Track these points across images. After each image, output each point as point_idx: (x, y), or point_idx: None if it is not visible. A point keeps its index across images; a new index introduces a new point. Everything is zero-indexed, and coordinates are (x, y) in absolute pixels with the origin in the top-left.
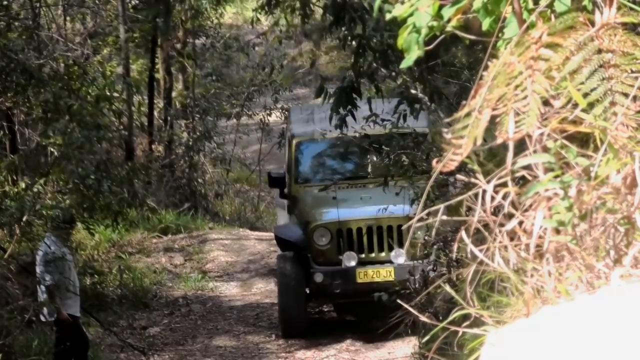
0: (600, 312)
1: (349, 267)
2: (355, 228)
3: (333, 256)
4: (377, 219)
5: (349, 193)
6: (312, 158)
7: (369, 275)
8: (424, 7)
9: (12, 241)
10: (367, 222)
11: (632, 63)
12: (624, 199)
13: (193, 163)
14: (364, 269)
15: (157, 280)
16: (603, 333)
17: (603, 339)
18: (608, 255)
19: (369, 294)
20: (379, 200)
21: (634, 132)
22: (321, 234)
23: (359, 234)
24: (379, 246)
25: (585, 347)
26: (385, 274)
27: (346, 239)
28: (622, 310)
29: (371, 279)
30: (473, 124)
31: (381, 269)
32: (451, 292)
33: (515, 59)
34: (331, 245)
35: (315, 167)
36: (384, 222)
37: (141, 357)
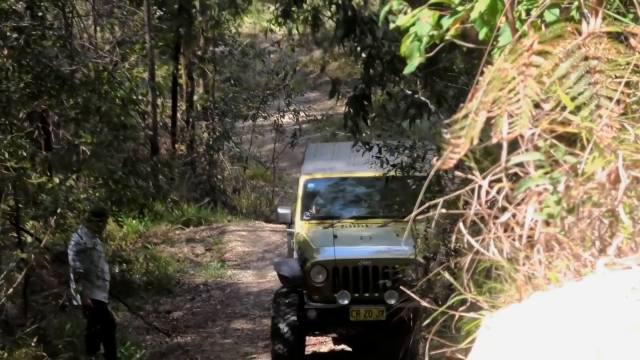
0: (586, 297)
1: (343, 306)
2: (351, 267)
3: (328, 294)
4: (373, 259)
5: (350, 232)
6: (320, 196)
7: (361, 314)
8: (424, 18)
9: (47, 232)
10: (363, 262)
11: (616, 69)
12: (609, 193)
13: (213, 161)
14: (357, 307)
15: (180, 268)
16: (588, 316)
17: (588, 322)
18: (594, 245)
19: (361, 332)
20: (378, 240)
21: (617, 132)
22: (318, 272)
23: (354, 273)
24: (374, 286)
25: (572, 329)
26: (378, 313)
27: (342, 277)
28: (606, 296)
29: (364, 318)
30: (470, 125)
31: (374, 309)
32: (450, 279)
33: (508, 65)
34: (327, 283)
35: (321, 205)
36: (380, 263)
37: (165, 339)
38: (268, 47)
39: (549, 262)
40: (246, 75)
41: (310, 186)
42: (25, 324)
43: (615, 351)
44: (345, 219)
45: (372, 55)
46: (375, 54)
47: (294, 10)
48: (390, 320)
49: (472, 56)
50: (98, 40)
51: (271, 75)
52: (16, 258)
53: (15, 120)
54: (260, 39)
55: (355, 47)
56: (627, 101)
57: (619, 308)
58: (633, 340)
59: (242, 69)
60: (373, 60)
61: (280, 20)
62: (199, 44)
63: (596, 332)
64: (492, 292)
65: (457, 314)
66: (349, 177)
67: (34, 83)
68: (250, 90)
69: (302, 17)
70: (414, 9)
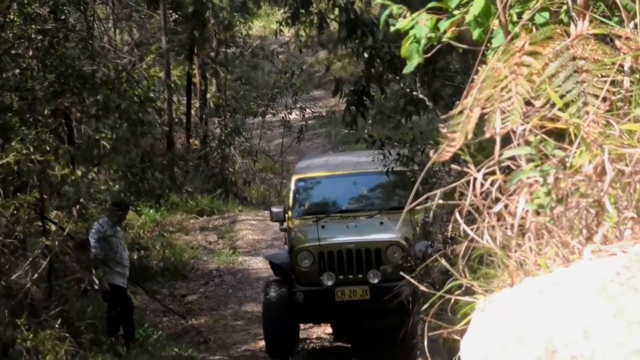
0: (574, 282)
1: (328, 287)
2: (336, 251)
3: (315, 277)
4: (356, 243)
5: (338, 223)
6: (309, 194)
7: (346, 294)
8: (423, 21)
9: (69, 221)
10: (347, 246)
11: (602, 69)
12: (595, 185)
13: (225, 155)
14: (342, 288)
15: (194, 255)
16: (577, 299)
17: (576, 305)
18: (581, 233)
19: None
20: (363, 229)
21: (603, 128)
22: (304, 257)
23: (339, 256)
24: (357, 268)
25: (561, 312)
26: (362, 293)
27: (327, 261)
28: (593, 280)
29: (348, 297)
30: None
31: (358, 289)
32: (446, 265)
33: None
34: (313, 267)
35: (311, 202)
36: (362, 246)
37: (180, 321)
38: (276, 48)
39: (539, 249)
40: (256, 75)
41: (300, 185)
42: (49, 307)
43: (601, 332)
44: (333, 214)
45: (373, 56)
46: (376, 54)
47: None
48: (374, 300)
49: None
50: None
51: (279, 75)
52: (41, 245)
53: (40, 117)
54: (269, 41)
55: (358, 47)
56: (613, 99)
57: (605, 292)
58: (618, 322)
59: (252, 69)
60: (374, 60)
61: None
62: (211, 46)
63: (584, 314)
64: (485, 277)
65: (453, 298)
66: (336, 175)
67: (57, 82)
68: (260, 89)
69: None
70: (412, 12)
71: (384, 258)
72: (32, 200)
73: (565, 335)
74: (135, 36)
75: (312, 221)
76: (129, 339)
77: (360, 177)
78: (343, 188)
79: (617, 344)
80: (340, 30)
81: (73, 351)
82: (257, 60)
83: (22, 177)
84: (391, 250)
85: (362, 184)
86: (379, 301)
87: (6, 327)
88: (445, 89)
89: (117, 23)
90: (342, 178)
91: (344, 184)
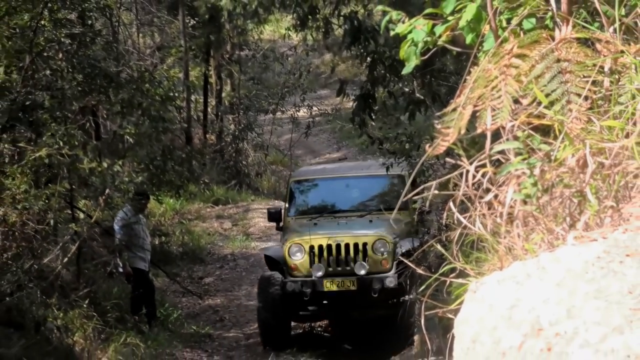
0: (558, 265)
1: (318, 278)
2: (325, 245)
3: (306, 270)
4: (344, 237)
5: (330, 221)
6: (304, 196)
7: (334, 285)
8: (420, 26)
9: (96, 210)
10: (336, 240)
11: (584, 70)
12: (577, 176)
13: (238, 149)
14: (331, 279)
15: (210, 240)
16: (560, 281)
17: (560, 286)
18: (565, 221)
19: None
20: (352, 226)
21: (585, 124)
22: (296, 250)
23: (328, 250)
24: (345, 260)
25: (546, 292)
26: (349, 283)
27: (317, 254)
28: (575, 264)
29: (337, 288)
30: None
31: (346, 280)
32: (441, 250)
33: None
34: (304, 260)
35: (306, 203)
36: (350, 240)
37: (198, 301)
38: (286, 51)
39: (526, 236)
40: (267, 75)
41: (296, 187)
42: (78, 288)
43: (583, 311)
44: (327, 214)
45: (375, 60)
46: (378, 58)
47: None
48: (361, 290)
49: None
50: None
51: (288, 75)
52: (70, 232)
53: (69, 114)
54: (279, 44)
55: (361, 52)
56: (594, 97)
57: (587, 274)
58: (599, 302)
59: (263, 70)
60: (376, 63)
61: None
62: (226, 49)
63: (567, 295)
64: (477, 261)
65: (448, 280)
66: (330, 178)
67: (85, 82)
68: (270, 88)
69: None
70: (410, 18)
71: (370, 252)
72: (62, 191)
73: (550, 315)
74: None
75: (306, 220)
76: (151, 318)
77: (353, 180)
78: (336, 190)
79: (597, 323)
80: (345, 37)
81: (100, 328)
82: (268, 62)
83: (53, 169)
84: (377, 245)
85: (354, 186)
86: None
87: (38, 307)
88: (441, 89)
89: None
90: (335, 181)
91: (338, 186)
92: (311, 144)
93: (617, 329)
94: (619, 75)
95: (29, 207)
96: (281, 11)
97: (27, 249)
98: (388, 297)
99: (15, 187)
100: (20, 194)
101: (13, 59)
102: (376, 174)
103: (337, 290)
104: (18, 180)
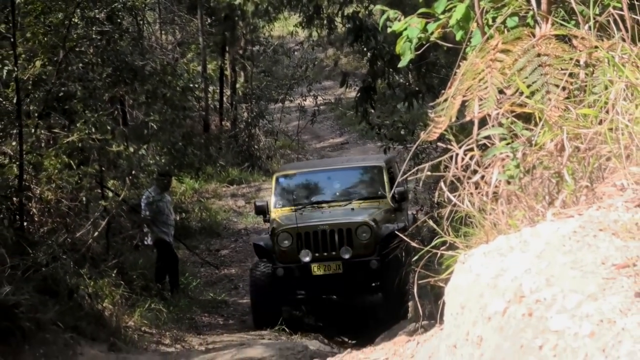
0: (538, 239)
1: (305, 263)
2: (312, 231)
3: (294, 256)
4: (329, 224)
5: (314, 211)
6: (289, 188)
7: (322, 269)
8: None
9: (124, 189)
10: (322, 227)
11: (561, 63)
12: (556, 159)
13: (251, 134)
14: (318, 263)
15: (226, 217)
16: (540, 253)
17: (540, 257)
18: (544, 199)
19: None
20: (336, 214)
21: (563, 112)
22: (284, 237)
23: (314, 236)
24: (331, 245)
25: (527, 263)
26: (335, 267)
27: (304, 240)
28: (553, 238)
29: (324, 271)
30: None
31: (332, 264)
32: (433, 226)
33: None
34: (292, 247)
35: (290, 195)
36: (335, 227)
37: (215, 271)
38: (293, 46)
39: (510, 212)
40: (276, 68)
41: (281, 181)
42: (107, 260)
43: (561, 280)
44: (311, 205)
45: (375, 55)
46: (378, 53)
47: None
48: (346, 273)
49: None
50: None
51: (295, 68)
52: (100, 208)
53: (99, 103)
54: (287, 40)
55: (363, 48)
56: (570, 88)
57: (564, 247)
58: (575, 272)
59: (273, 64)
60: (376, 58)
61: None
62: (240, 44)
63: (546, 266)
64: (466, 235)
65: (439, 252)
66: (313, 171)
67: (113, 74)
68: (280, 80)
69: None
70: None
71: (354, 237)
72: (93, 172)
73: (531, 283)
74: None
75: (292, 211)
76: (173, 286)
77: (334, 173)
78: (319, 182)
79: (574, 290)
80: (348, 35)
81: (126, 296)
82: (277, 56)
83: (85, 152)
84: (360, 230)
85: (336, 178)
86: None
87: (71, 276)
88: (433, 81)
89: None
90: (317, 174)
91: (320, 179)
92: (316, 130)
93: (592, 296)
94: (593, 68)
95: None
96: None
97: (61, 224)
98: (372, 279)
99: (51, 168)
100: (55, 174)
101: (48, 54)
102: (356, 165)
103: (325, 274)
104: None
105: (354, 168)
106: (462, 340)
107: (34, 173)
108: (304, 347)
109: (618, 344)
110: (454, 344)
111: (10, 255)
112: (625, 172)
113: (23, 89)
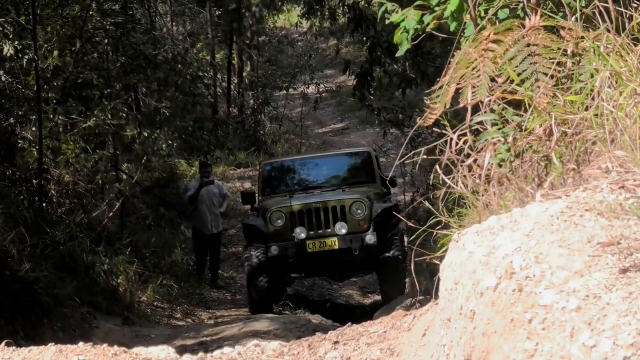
0: (527, 218)
1: (300, 240)
2: (305, 210)
3: (287, 234)
4: (323, 201)
5: (305, 195)
6: (276, 175)
7: (317, 245)
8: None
9: (137, 172)
10: (315, 205)
11: (550, 53)
12: (544, 143)
13: (257, 120)
14: (313, 240)
15: (233, 198)
16: (529, 232)
17: (529, 236)
18: (533, 181)
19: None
20: (328, 194)
21: (551, 99)
22: (277, 217)
23: (308, 214)
24: (325, 222)
25: (517, 241)
26: (331, 242)
27: (297, 218)
28: (542, 217)
29: (319, 248)
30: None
31: (327, 239)
32: (429, 206)
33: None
34: (285, 226)
35: (279, 182)
36: (329, 204)
37: (223, 249)
38: (296, 37)
39: (501, 194)
40: (281, 57)
41: (267, 169)
42: (122, 238)
43: (549, 257)
44: (300, 190)
45: (374, 44)
46: (377, 42)
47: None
48: (342, 248)
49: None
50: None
51: (299, 58)
52: (115, 190)
53: (114, 90)
54: (291, 31)
55: (362, 37)
56: (558, 76)
57: (552, 226)
58: (562, 250)
59: (278, 53)
60: (374, 47)
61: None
62: (247, 35)
63: (535, 244)
64: (459, 215)
65: (435, 232)
66: (300, 159)
67: (127, 63)
68: (284, 69)
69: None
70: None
71: (348, 214)
72: (108, 155)
73: (521, 260)
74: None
75: (281, 196)
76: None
77: (323, 159)
78: (307, 169)
79: (561, 267)
80: (348, 25)
81: (140, 272)
82: (281, 46)
83: (101, 137)
84: (355, 206)
85: (324, 164)
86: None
87: (88, 254)
88: (429, 69)
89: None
90: (305, 161)
91: (309, 165)
92: (319, 116)
93: (578, 272)
94: (579, 57)
95: (80, 169)
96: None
97: (78, 205)
98: (368, 254)
99: (69, 152)
100: (72, 158)
101: (66, 44)
102: (345, 152)
103: (320, 250)
104: (71, 146)
105: (343, 154)
106: (456, 314)
107: (52, 157)
108: (307, 321)
109: (603, 317)
110: (449, 317)
111: (30, 234)
112: (610, 156)
113: (42, 77)
